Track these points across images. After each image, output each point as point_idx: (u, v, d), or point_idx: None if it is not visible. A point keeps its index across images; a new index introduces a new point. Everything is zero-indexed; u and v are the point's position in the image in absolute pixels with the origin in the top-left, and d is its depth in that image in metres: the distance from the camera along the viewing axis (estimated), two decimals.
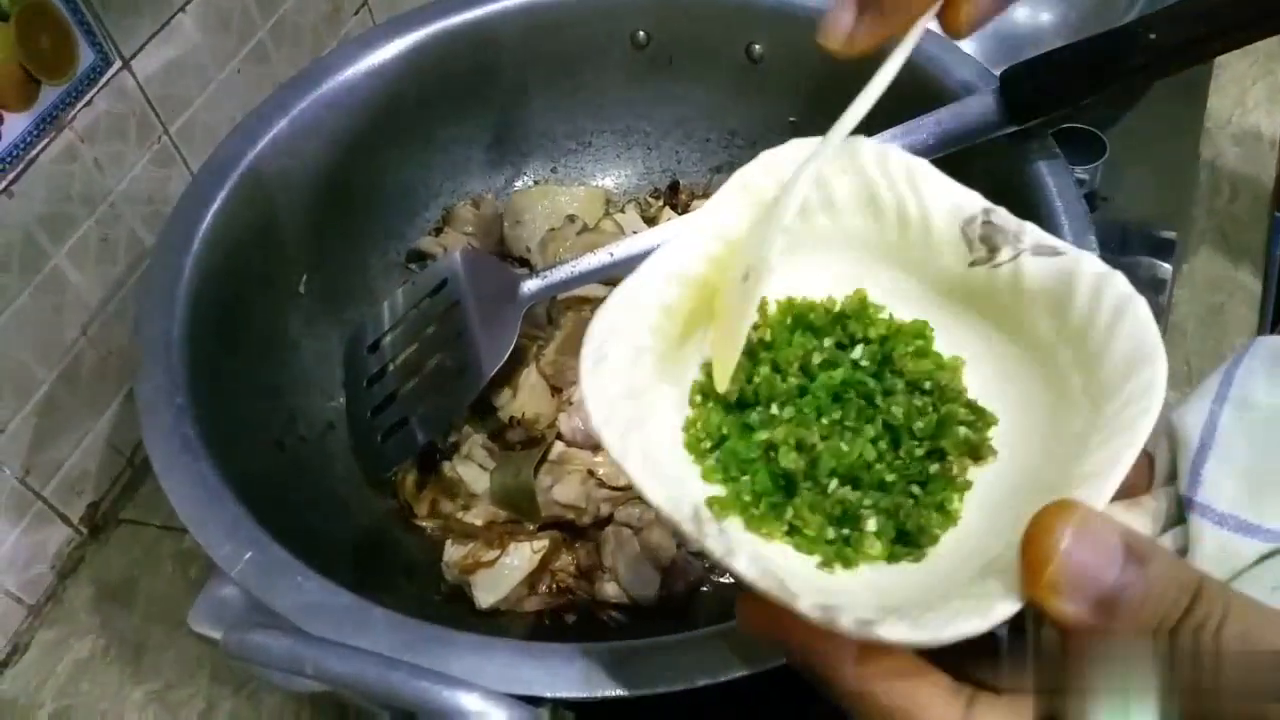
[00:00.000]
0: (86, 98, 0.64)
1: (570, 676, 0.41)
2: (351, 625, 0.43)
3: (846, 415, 0.34)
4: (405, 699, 0.39)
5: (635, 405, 0.32)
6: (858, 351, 0.35)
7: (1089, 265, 0.33)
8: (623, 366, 0.32)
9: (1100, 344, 0.32)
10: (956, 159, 0.54)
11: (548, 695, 0.40)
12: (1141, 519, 0.34)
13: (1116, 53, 0.55)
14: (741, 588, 0.30)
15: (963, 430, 0.33)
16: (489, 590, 0.57)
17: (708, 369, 0.35)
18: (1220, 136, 0.85)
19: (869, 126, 0.36)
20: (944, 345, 0.36)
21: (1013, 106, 0.57)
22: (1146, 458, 0.27)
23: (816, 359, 0.34)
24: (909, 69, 0.35)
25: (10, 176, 0.60)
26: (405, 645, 0.42)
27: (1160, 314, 0.70)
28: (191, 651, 0.64)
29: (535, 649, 0.42)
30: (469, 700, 0.39)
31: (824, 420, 0.34)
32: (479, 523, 0.59)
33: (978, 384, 0.35)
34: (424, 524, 0.62)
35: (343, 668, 0.40)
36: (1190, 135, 0.83)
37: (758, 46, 0.70)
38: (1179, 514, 0.33)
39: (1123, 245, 0.75)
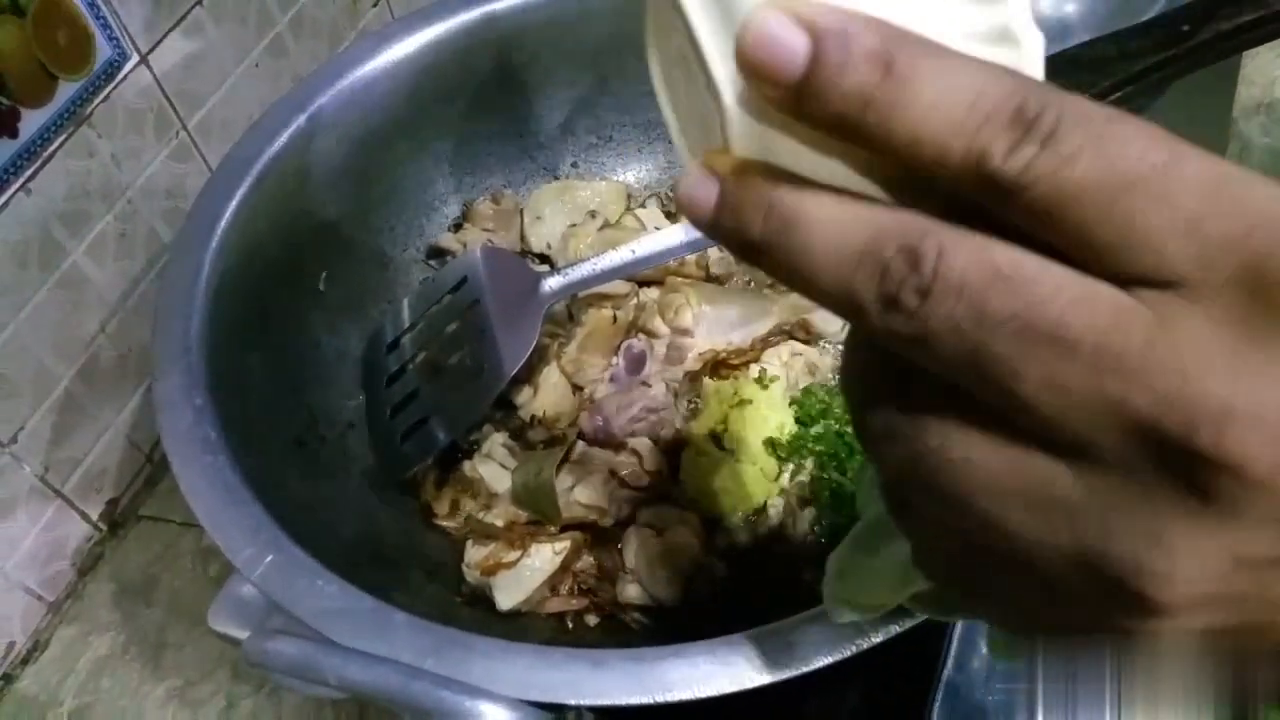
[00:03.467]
0: (104, 93, 0.64)
1: (591, 682, 0.40)
2: (372, 630, 0.42)
3: None
4: (426, 708, 0.38)
5: None
6: None
7: None
8: None
9: None
10: None
11: (570, 702, 0.40)
12: None
13: (1148, 45, 0.54)
14: None
15: None
16: (510, 592, 0.56)
17: None
18: (1249, 126, 0.84)
19: None
20: None
21: None
22: None
23: None
24: None
25: (28, 173, 0.60)
26: (426, 650, 0.41)
27: None
28: (212, 648, 0.64)
29: (556, 654, 0.42)
30: (489, 709, 0.38)
31: None
32: (500, 523, 0.59)
33: None
34: (445, 524, 0.61)
35: (364, 676, 0.40)
36: (1218, 125, 0.82)
37: None
38: None
39: None
